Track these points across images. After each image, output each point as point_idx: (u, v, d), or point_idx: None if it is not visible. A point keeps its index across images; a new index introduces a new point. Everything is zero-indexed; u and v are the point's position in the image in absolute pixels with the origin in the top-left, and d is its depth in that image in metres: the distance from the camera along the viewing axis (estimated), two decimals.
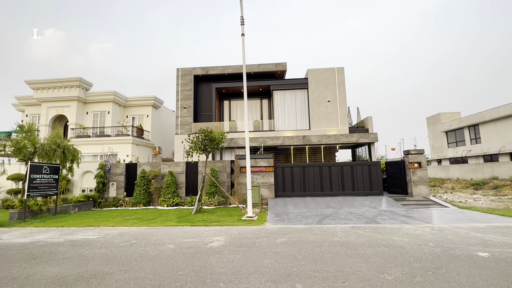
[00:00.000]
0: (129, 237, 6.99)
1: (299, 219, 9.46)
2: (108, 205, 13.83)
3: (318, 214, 10.26)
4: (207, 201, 13.12)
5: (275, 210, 11.69)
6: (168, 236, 7.00)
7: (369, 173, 14.15)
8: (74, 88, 22.44)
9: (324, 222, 8.63)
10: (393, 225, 7.91)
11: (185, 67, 21.15)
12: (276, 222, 8.91)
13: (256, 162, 14.06)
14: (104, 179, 14.36)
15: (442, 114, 31.62)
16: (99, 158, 20.77)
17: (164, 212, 11.84)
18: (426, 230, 7.04)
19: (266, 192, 13.79)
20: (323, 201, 12.96)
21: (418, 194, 13.35)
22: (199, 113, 21.66)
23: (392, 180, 14.74)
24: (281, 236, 6.69)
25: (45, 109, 22.81)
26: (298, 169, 14.37)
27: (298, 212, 11.02)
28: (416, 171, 13.52)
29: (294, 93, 20.29)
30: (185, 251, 5.47)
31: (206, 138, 11.26)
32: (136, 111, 24.92)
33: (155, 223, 9.07)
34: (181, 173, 14.49)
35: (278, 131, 19.27)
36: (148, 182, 14.10)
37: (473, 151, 26.49)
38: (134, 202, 13.58)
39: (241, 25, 10.61)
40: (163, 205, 13.41)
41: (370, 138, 17.75)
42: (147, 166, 14.71)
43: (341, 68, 19.82)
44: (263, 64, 20.67)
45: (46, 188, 10.73)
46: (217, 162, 14.58)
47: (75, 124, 22.17)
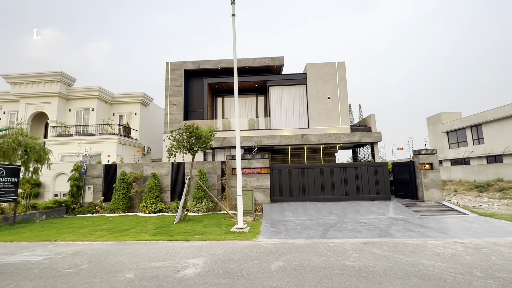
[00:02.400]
0: (83, 258, 5.47)
1: (299, 230, 8.01)
2: (83, 211, 12.23)
3: (320, 223, 8.81)
4: (194, 207, 11.60)
5: (271, 217, 10.22)
6: (134, 257, 5.49)
7: (375, 175, 12.75)
8: (55, 83, 20.77)
9: (329, 235, 7.18)
10: (413, 240, 6.48)
11: (175, 61, 19.66)
12: (271, 234, 7.44)
13: (250, 163, 12.58)
14: (79, 182, 12.76)
15: (443, 114, 30.73)
16: (81, 158, 19.17)
17: (143, 220, 10.29)
18: (459, 249, 5.62)
19: (261, 196, 12.32)
20: (324, 206, 11.52)
21: (430, 198, 11.98)
22: (190, 111, 20.17)
23: (400, 183, 13.35)
24: (277, 257, 5.22)
25: (24, 106, 21.09)
26: (296, 170, 12.92)
27: (297, 220, 9.57)
28: (427, 173, 12.15)
29: (292, 89, 18.87)
30: (145, 286, 3.98)
31: (192, 136, 9.75)
32: (123, 109, 23.30)
33: (127, 236, 7.54)
34: (166, 176, 12.94)
35: (274, 130, 17.83)
36: (128, 186, 12.53)
37: (476, 152, 25.48)
38: (111, 209, 11.99)
39: (232, 4, 9.17)
40: (144, 211, 11.86)
41: (374, 137, 16.38)
42: (128, 167, 13.14)
43: (342, 63, 18.47)
44: (259, 58, 19.26)
45: (1, 193, 9.13)
46: (206, 163, 13.07)
47: (56, 121, 20.50)
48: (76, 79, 22.02)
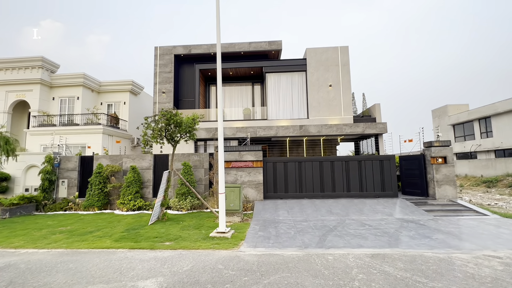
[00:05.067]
0: (5, 277, 4.19)
1: (292, 234, 6.72)
2: (55, 208, 10.98)
3: (318, 226, 7.53)
4: (177, 205, 10.32)
5: (262, 217, 8.94)
6: (72, 275, 4.21)
7: (381, 169, 11.40)
8: (36, 69, 19.33)
9: (327, 243, 5.88)
10: (434, 252, 5.16)
11: (165, 45, 18.14)
12: (258, 241, 6.15)
13: (240, 155, 11.24)
14: (52, 175, 11.48)
15: (450, 106, 29.28)
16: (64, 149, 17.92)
17: (116, 220, 9.03)
18: (497, 267, 4.31)
19: (253, 193, 11.02)
20: (323, 204, 10.22)
21: (442, 196, 10.65)
22: (181, 99, 18.73)
23: (408, 179, 12.00)
24: (258, 280, 3.92)
25: (4, 94, 19.69)
26: (293, 164, 11.57)
27: (292, 221, 8.28)
28: (440, 168, 10.78)
29: (290, 76, 17.35)
30: None
31: (170, 123, 8.38)
32: (112, 98, 21.88)
33: (84, 241, 6.27)
34: (147, 169, 11.63)
35: (271, 120, 16.41)
36: (105, 180, 11.24)
37: (483, 146, 24.15)
38: (86, 205, 10.73)
39: None
40: (122, 209, 10.59)
41: (378, 128, 14.97)
42: (106, 159, 11.83)
43: (345, 47, 16.88)
44: (255, 42, 17.68)
45: None
46: (192, 155, 11.73)
47: (38, 111, 19.14)
48: (59, 65, 20.55)
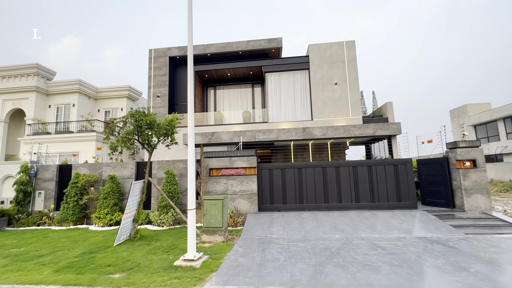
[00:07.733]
0: None
1: (281, 262, 5.21)
2: (27, 223, 9.91)
3: (317, 249, 5.98)
4: (157, 219, 9.00)
5: (252, 235, 7.46)
6: None
7: (396, 175, 9.69)
8: (32, 77, 18.92)
9: (324, 278, 4.33)
10: None
11: (159, 48, 17.27)
12: (233, 272, 4.70)
13: (231, 161, 9.86)
14: (28, 186, 10.48)
15: (469, 105, 27.13)
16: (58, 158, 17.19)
17: (85, 237, 7.79)
18: None
19: (246, 204, 9.55)
20: (327, 218, 8.61)
21: (472, 207, 8.80)
22: (177, 103, 17.69)
23: (428, 186, 10.20)
24: None
25: (0, 102, 19.37)
26: (292, 171, 10.05)
27: (286, 240, 6.76)
28: (468, 173, 8.97)
29: (292, 75, 15.96)
30: None
31: (140, 124, 7.14)
32: (109, 104, 21.24)
33: (19, 271, 5.01)
34: (129, 178, 10.43)
35: (272, 123, 15.03)
36: (82, 191, 10.12)
37: (510, 147, 21.74)
38: (59, 220, 9.59)
39: None
40: (98, 224, 9.39)
41: (391, 129, 13.22)
42: (85, 168, 10.74)
43: (351, 42, 15.35)
44: (253, 41, 16.49)
45: None
46: (178, 163, 10.44)
47: (33, 119, 18.63)
48: (56, 72, 20.13)
